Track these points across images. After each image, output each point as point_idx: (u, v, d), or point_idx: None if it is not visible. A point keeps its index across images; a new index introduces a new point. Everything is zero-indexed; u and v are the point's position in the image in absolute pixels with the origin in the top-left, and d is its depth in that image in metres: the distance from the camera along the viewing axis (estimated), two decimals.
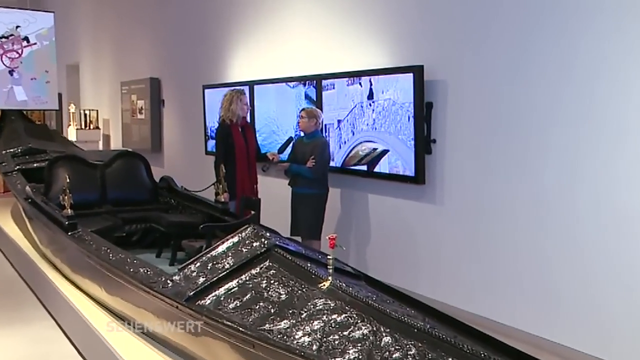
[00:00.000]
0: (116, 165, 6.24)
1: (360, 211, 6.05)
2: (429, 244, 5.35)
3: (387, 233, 5.77)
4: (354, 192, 6.10)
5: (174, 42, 9.76)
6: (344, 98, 5.95)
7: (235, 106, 5.99)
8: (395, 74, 5.32)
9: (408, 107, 5.23)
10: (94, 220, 5.39)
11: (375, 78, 5.54)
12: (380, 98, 5.51)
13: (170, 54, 9.89)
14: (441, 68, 5.09)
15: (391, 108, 5.40)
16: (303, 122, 5.83)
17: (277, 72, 7.09)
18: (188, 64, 9.30)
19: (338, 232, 5.88)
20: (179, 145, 9.78)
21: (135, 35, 11.13)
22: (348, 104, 5.90)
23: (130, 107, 11.06)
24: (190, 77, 9.21)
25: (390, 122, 5.42)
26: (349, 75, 5.86)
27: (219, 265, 3.25)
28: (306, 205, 5.76)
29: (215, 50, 8.45)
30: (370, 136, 5.68)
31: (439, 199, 5.21)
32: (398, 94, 5.32)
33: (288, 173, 5.92)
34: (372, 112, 5.61)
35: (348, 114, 5.90)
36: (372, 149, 5.68)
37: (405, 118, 5.24)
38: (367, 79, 5.64)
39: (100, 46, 12.81)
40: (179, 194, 6.15)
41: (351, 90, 5.84)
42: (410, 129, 5.20)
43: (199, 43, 8.93)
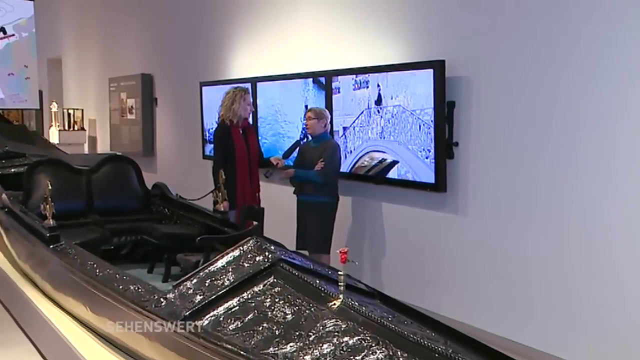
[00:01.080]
0: (104, 170, 6.26)
1: (374, 222, 6.06)
2: (451, 259, 5.35)
3: (404, 246, 5.77)
4: (367, 201, 6.12)
5: (168, 34, 9.81)
6: (350, 103, 6.00)
7: (238, 106, 6.02)
8: (413, 70, 5.34)
9: (420, 114, 5.24)
10: (79, 232, 5.41)
11: (384, 81, 5.58)
12: (390, 104, 5.55)
13: (164, 48, 9.94)
14: (464, 63, 5.10)
15: (401, 115, 5.43)
16: (311, 123, 5.85)
17: (283, 68, 7.12)
18: (184, 59, 9.35)
19: (350, 245, 5.89)
20: (174, 149, 9.83)
21: (125, 27, 11.20)
22: (354, 109, 5.95)
23: (120, 106, 11.11)
24: (186, 73, 9.25)
25: (400, 130, 5.46)
26: (361, 71, 5.89)
27: (218, 281, 3.27)
28: (314, 215, 5.77)
29: (214, 44, 8.50)
30: (378, 145, 5.73)
31: (462, 208, 5.21)
32: (409, 100, 5.36)
33: (293, 181, 5.94)
34: (380, 119, 5.66)
35: (354, 120, 5.96)
36: (381, 160, 5.74)
37: (417, 126, 5.27)
38: (375, 82, 5.69)
39: (86, 38, 12.89)
40: (173, 202, 6.17)
41: (358, 94, 5.89)
42: (422, 138, 5.22)
43: (196, 36, 8.97)
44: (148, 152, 10.40)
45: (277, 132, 7.08)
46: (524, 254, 4.77)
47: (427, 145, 5.24)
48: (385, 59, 5.76)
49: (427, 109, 5.21)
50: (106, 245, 5.51)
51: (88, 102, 12.94)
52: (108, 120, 11.68)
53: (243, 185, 5.98)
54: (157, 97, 10.25)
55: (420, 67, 5.27)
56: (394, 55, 5.70)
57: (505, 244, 4.90)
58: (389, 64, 5.66)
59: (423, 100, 5.23)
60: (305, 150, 5.97)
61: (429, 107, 5.19)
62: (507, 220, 4.87)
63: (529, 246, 4.72)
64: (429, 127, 5.20)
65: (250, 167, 6.06)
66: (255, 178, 6.15)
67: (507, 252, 4.89)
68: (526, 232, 4.74)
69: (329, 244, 5.79)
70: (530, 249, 4.71)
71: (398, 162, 5.52)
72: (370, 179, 5.88)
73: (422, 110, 5.22)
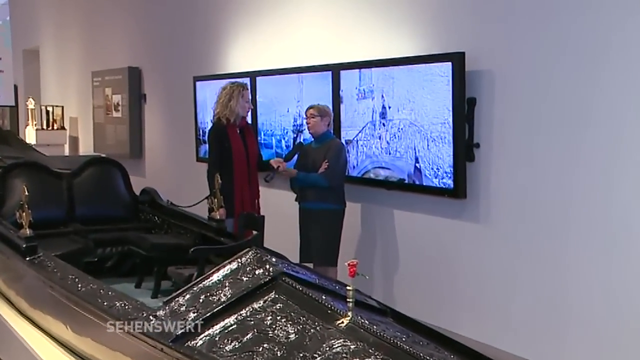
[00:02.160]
0: (86, 174, 6.26)
1: (386, 231, 6.06)
2: (472, 272, 5.35)
3: (420, 258, 5.78)
4: (378, 208, 6.12)
5: (158, 23, 9.83)
6: (354, 114, 6.06)
7: (236, 103, 6.02)
8: (429, 63, 5.35)
9: (429, 127, 5.27)
10: (59, 243, 5.41)
11: (390, 93, 5.65)
12: (395, 117, 5.61)
13: (154, 39, 9.96)
14: (486, 55, 5.10)
15: (408, 129, 5.49)
16: (313, 121, 5.86)
17: (285, 62, 7.13)
18: (175, 51, 9.37)
19: (359, 257, 5.86)
20: (164, 150, 9.84)
21: (111, 14, 11.23)
22: (358, 122, 6.01)
23: (104, 102, 11.12)
24: (178, 66, 9.27)
25: (407, 146, 5.52)
26: (372, 64, 5.91)
27: (214, 297, 3.27)
28: (319, 224, 5.78)
29: (209, 35, 8.52)
30: (383, 162, 5.79)
31: (484, 216, 5.21)
32: (416, 114, 5.41)
33: (294, 185, 5.94)
34: (385, 133, 5.72)
35: (358, 134, 6.02)
36: (385, 178, 5.81)
37: (424, 143, 5.33)
38: (379, 94, 5.76)
39: (67, 27, 12.92)
40: (164, 210, 6.17)
41: (361, 106, 5.95)
42: (436, 153, 5.26)
43: (189, 25, 8.99)
44: (136, 154, 10.40)
45: (274, 131, 7.11)
46: (555, 268, 4.75)
47: (438, 160, 5.27)
48: (397, 52, 5.76)
49: (443, 116, 5.22)
50: (89, 257, 5.50)
51: (69, 98, 12.98)
52: (91, 118, 11.70)
53: (241, 190, 5.99)
54: (145, 93, 10.26)
55: (437, 60, 5.28)
56: (407, 47, 5.71)
57: (534, 256, 4.88)
58: (401, 56, 5.66)
59: (438, 105, 5.25)
60: (307, 152, 5.99)
61: (445, 112, 5.20)
62: (535, 230, 4.86)
63: (562, 259, 4.70)
64: (444, 137, 5.22)
65: (248, 170, 6.06)
66: (255, 183, 6.15)
67: (536, 265, 4.88)
68: (558, 243, 4.73)
69: (336, 256, 5.79)
70: (563, 261, 4.70)
71: (404, 180, 5.63)
72: (381, 184, 5.89)
73: (438, 123, 5.25)
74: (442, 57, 5.25)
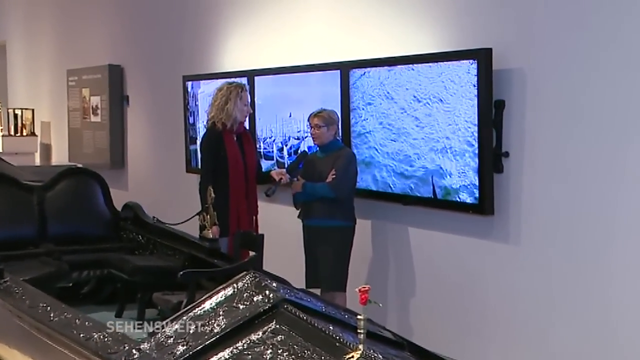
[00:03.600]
0: (60, 187, 6.28)
1: (402, 252, 6.06)
2: (500, 300, 5.33)
3: (441, 283, 5.77)
4: (393, 225, 6.12)
5: (143, 15, 9.86)
6: (365, 119, 6.09)
7: (233, 106, 6.01)
8: (451, 61, 5.35)
9: (451, 134, 5.25)
10: (29, 265, 5.42)
11: (406, 94, 5.66)
12: (412, 122, 5.62)
13: (138, 32, 9.98)
14: (517, 52, 5.09)
15: (427, 136, 5.48)
16: (319, 133, 5.86)
17: (288, 59, 7.12)
18: (163, 47, 9.37)
19: (371, 282, 5.83)
20: (150, 160, 9.84)
21: (89, 5, 11.24)
22: (369, 127, 6.06)
23: (81, 105, 11.14)
24: (165, 64, 9.28)
25: (426, 155, 5.52)
26: (386, 62, 5.92)
27: (206, 328, 3.26)
28: (326, 243, 5.79)
29: (202, 29, 8.53)
30: (397, 173, 5.82)
31: (514, 235, 5.19)
32: (436, 119, 5.37)
33: (298, 199, 5.95)
34: (401, 140, 5.75)
35: (369, 140, 6.07)
36: (400, 191, 5.81)
37: (445, 152, 5.29)
38: (394, 96, 5.77)
39: (38, 19, 12.95)
40: (149, 227, 6.19)
41: (374, 109, 6.01)
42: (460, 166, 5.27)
43: (178, 18, 9.01)
44: (117, 164, 10.40)
45: (275, 138, 7.12)
46: (599, 294, 4.72)
47: (461, 172, 5.27)
48: (415, 48, 5.76)
49: (467, 121, 5.23)
50: (63, 282, 5.52)
51: (40, 100, 13.00)
52: (66, 123, 11.71)
53: (237, 205, 5.98)
54: (128, 94, 10.27)
55: (460, 58, 5.28)
56: (426, 43, 5.71)
57: (572, 280, 4.86)
58: (419, 53, 5.66)
59: (461, 109, 5.26)
60: (312, 162, 6.00)
61: (469, 116, 5.20)
62: (573, 251, 4.84)
63: (606, 284, 4.67)
64: (468, 145, 5.23)
65: (246, 183, 6.06)
66: (253, 197, 6.15)
67: (575, 291, 4.85)
68: (600, 265, 4.70)
69: (345, 281, 5.79)
70: (608, 287, 4.66)
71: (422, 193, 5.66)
72: (396, 198, 5.89)
73: (458, 127, 5.25)
74: (466, 54, 5.25)
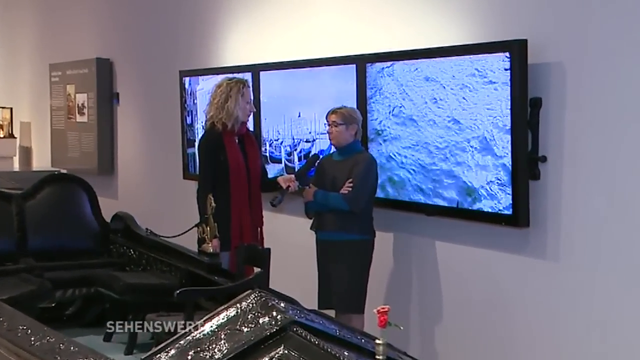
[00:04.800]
0: (42, 195, 6.31)
1: (426, 269, 6.05)
2: (537, 324, 5.31)
3: (469, 303, 5.76)
4: (415, 239, 6.11)
5: (134, 3, 9.89)
6: (384, 118, 6.11)
7: (234, 104, 6.03)
8: (481, 54, 5.34)
9: (481, 136, 5.24)
10: (7, 283, 5.44)
11: (430, 91, 5.59)
12: (438, 122, 5.58)
13: (129, 23, 10.02)
14: (556, 44, 5.08)
15: (454, 138, 5.45)
16: (337, 131, 5.85)
17: (298, 52, 7.13)
18: (157, 39, 9.40)
19: (391, 302, 5.86)
20: (143, 165, 9.86)
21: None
22: (389, 128, 6.04)
23: (65, 103, 11.16)
24: (160, 58, 9.31)
25: (452, 160, 5.51)
26: (407, 56, 5.91)
27: (206, 353, 3.26)
28: (341, 259, 5.78)
29: (201, 19, 8.56)
30: (421, 180, 5.83)
31: (552, 250, 5.18)
32: (463, 119, 5.36)
33: (310, 209, 5.95)
34: (425, 143, 5.75)
35: (388, 145, 6.08)
36: (424, 200, 5.82)
37: (474, 156, 5.29)
38: (416, 94, 5.77)
39: (17, 7, 12.98)
40: (142, 240, 6.19)
41: (393, 109, 6.00)
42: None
43: (174, 6, 9.04)
44: (106, 170, 10.42)
45: (283, 141, 7.12)
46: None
47: (493, 178, 5.27)
48: (439, 40, 5.75)
49: (499, 121, 5.21)
50: (45, 302, 5.52)
51: (19, 98, 13.03)
52: (48, 124, 11.74)
53: (240, 216, 6.00)
54: (118, 91, 10.30)
55: (491, 50, 5.27)
56: (453, 34, 5.70)
57: (620, 303, 4.82)
58: (445, 46, 5.65)
59: (492, 107, 5.24)
60: (326, 166, 5.99)
61: (501, 116, 5.19)
62: (622, 269, 4.81)
63: None
64: (500, 148, 5.20)
65: (250, 190, 6.08)
66: (257, 206, 6.17)
67: (624, 315, 4.81)
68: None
69: (362, 301, 5.79)
70: None
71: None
72: (419, 208, 5.89)
73: (489, 128, 5.24)
74: (498, 46, 5.24)
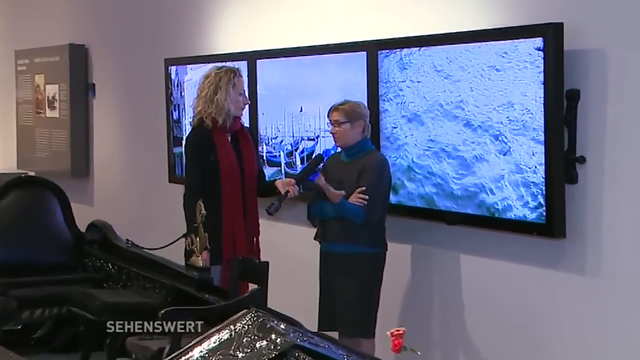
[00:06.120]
0: (7, 202, 6.36)
1: (447, 285, 6.07)
2: (575, 348, 5.32)
3: (497, 325, 5.76)
4: (435, 251, 6.13)
5: None
6: (396, 113, 6.12)
7: (224, 96, 6.04)
8: (509, 40, 5.34)
9: (508, 133, 5.25)
10: None
11: (451, 82, 5.60)
12: (461, 116, 5.58)
13: (107, 4, 10.08)
14: (596, 28, 5.09)
15: (477, 135, 5.43)
16: (340, 131, 5.84)
17: (300, 38, 7.14)
18: (139, 22, 9.46)
19: (407, 324, 5.86)
20: (122, 166, 9.89)
21: None
22: (403, 124, 6.07)
23: (34, 96, 11.20)
24: (142, 43, 9.37)
25: (475, 160, 5.53)
26: (424, 42, 5.91)
27: None
28: (348, 274, 5.78)
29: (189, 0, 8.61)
30: (441, 183, 5.83)
31: (592, 264, 5.17)
32: (489, 114, 5.35)
33: (314, 215, 5.95)
34: (444, 142, 5.77)
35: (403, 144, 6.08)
36: (445, 207, 5.83)
37: (501, 156, 5.29)
38: (434, 84, 5.79)
39: None
40: (121, 253, 6.20)
41: (407, 102, 6.03)
42: None
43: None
44: (80, 172, 10.45)
45: (283, 139, 7.14)
46: None
47: (523, 182, 5.26)
48: (461, 24, 5.76)
49: (530, 116, 5.21)
50: (11, 324, 5.53)
51: None
52: (14, 119, 11.79)
53: (233, 224, 6.03)
54: (94, 82, 10.35)
55: (522, 35, 5.27)
56: (477, 17, 5.71)
57: None
58: (468, 30, 5.67)
59: (522, 101, 5.23)
60: (332, 167, 6.00)
61: (533, 110, 5.18)
62: None
63: None
64: (531, 148, 5.20)
65: (244, 196, 6.10)
66: (253, 213, 6.20)
67: None
68: None
69: (372, 323, 5.80)
70: None
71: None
72: (439, 215, 5.89)
73: (518, 124, 5.23)
74: (530, 30, 5.24)
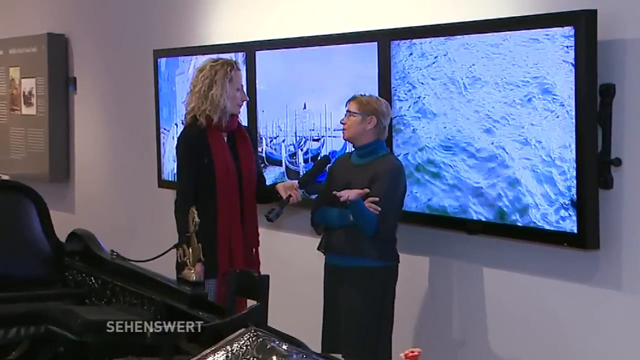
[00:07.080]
0: None
1: (467, 301, 6.10)
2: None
3: (524, 344, 5.77)
4: (453, 264, 6.16)
5: None
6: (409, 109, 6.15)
7: (220, 92, 6.03)
8: (536, 29, 5.35)
9: (535, 133, 5.23)
10: None
11: (470, 76, 5.61)
12: (482, 112, 5.61)
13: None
14: (633, 16, 5.08)
15: (500, 135, 5.44)
16: (350, 122, 5.84)
17: (303, 28, 7.18)
18: (125, 10, 9.52)
19: (422, 344, 5.86)
20: (106, 170, 9.96)
21: None
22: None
23: (8, 91, 11.28)
24: (129, 33, 9.43)
25: (499, 163, 5.56)
26: (442, 31, 5.94)
27: None
28: (355, 289, 5.78)
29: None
30: (460, 187, 5.87)
31: (629, 278, 5.19)
32: (512, 111, 5.35)
33: (318, 221, 5.97)
34: (464, 142, 5.80)
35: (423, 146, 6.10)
36: (464, 214, 5.87)
37: (526, 159, 5.27)
38: (453, 79, 5.81)
39: None
40: (106, 266, 6.21)
41: (421, 98, 6.05)
42: None
43: None
44: (60, 176, 10.54)
45: (285, 138, 7.17)
46: None
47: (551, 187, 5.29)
48: (483, 12, 5.78)
49: (559, 114, 5.20)
50: None
51: None
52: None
53: (230, 234, 6.05)
54: (76, 76, 10.42)
55: (550, 24, 5.28)
56: (501, 4, 5.74)
57: None
58: (491, 18, 5.67)
59: (550, 96, 5.23)
60: (340, 168, 6.01)
61: (563, 107, 5.17)
62: None
63: None
64: (560, 149, 5.21)
65: (242, 202, 6.12)
66: (252, 221, 6.22)
67: None
68: None
69: (384, 344, 5.79)
70: None
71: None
72: (457, 224, 5.90)
73: (545, 123, 5.23)
74: (559, 18, 5.25)
